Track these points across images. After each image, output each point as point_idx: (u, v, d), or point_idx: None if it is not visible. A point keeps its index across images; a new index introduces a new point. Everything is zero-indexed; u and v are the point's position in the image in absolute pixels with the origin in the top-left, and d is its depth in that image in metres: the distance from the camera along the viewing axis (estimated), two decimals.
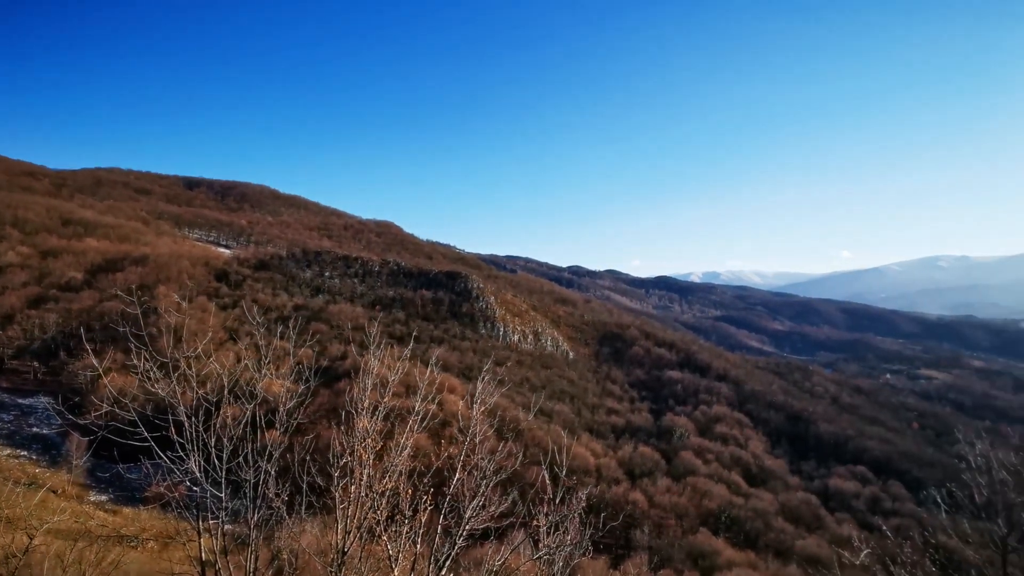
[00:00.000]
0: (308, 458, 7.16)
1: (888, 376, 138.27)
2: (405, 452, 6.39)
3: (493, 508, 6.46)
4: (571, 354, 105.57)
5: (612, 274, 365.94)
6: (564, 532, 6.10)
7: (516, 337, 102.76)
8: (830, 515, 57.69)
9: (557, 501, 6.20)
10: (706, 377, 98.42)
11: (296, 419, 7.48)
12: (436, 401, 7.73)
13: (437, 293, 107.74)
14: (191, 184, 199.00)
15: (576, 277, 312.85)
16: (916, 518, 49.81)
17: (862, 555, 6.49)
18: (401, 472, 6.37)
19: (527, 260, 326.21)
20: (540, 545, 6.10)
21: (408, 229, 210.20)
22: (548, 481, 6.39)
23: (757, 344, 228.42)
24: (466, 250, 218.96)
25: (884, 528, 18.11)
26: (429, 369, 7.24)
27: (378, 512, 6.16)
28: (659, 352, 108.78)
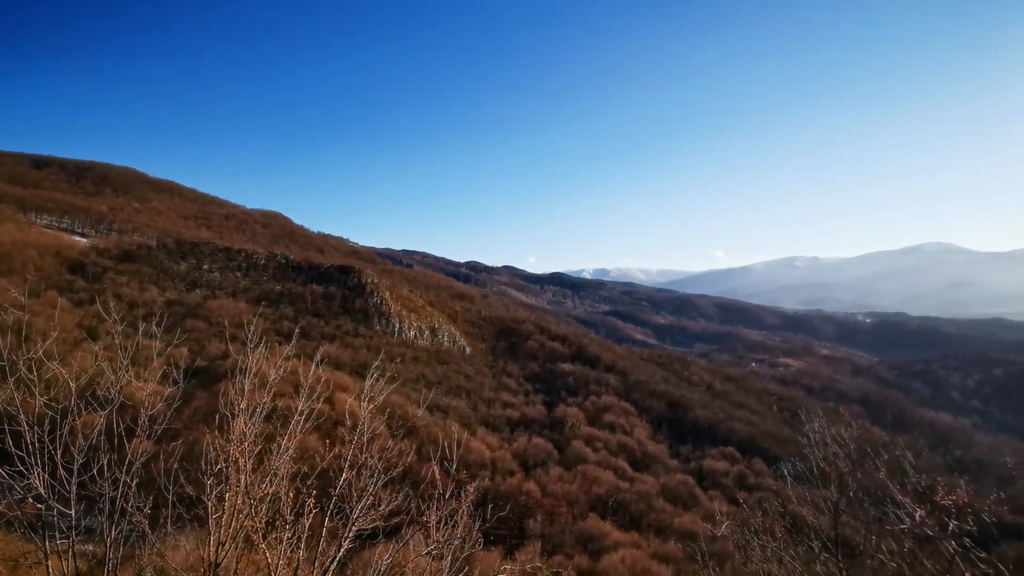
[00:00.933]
0: (177, 466, 6.61)
1: (753, 364, 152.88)
2: (288, 454, 6.08)
3: (383, 507, 6.34)
4: (468, 349, 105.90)
5: (509, 270, 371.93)
6: (454, 526, 6.12)
7: (412, 333, 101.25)
8: (704, 493, 62.71)
9: (447, 496, 6.21)
10: (596, 369, 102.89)
11: (163, 425, 6.87)
12: (325, 400, 7.43)
13: (329, 288, 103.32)
14: (39, 163, 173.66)
15: (474, 273, 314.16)
16: (773, 490, 55.83)
17: (723, 527, 7.17)
18: (284, 475, 6.06)
19: (424, 255, 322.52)
20: (430, 541, 6.08)
21: (298, 220, 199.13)
22: (439, 476, 6.38)
23: (642, 337, 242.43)
24: (360, 243, 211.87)
25: (746, 501, 20.08)
26: (314, 366, 6.93)
27: (257, 519, 5.81)
28: (553, 346, 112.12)
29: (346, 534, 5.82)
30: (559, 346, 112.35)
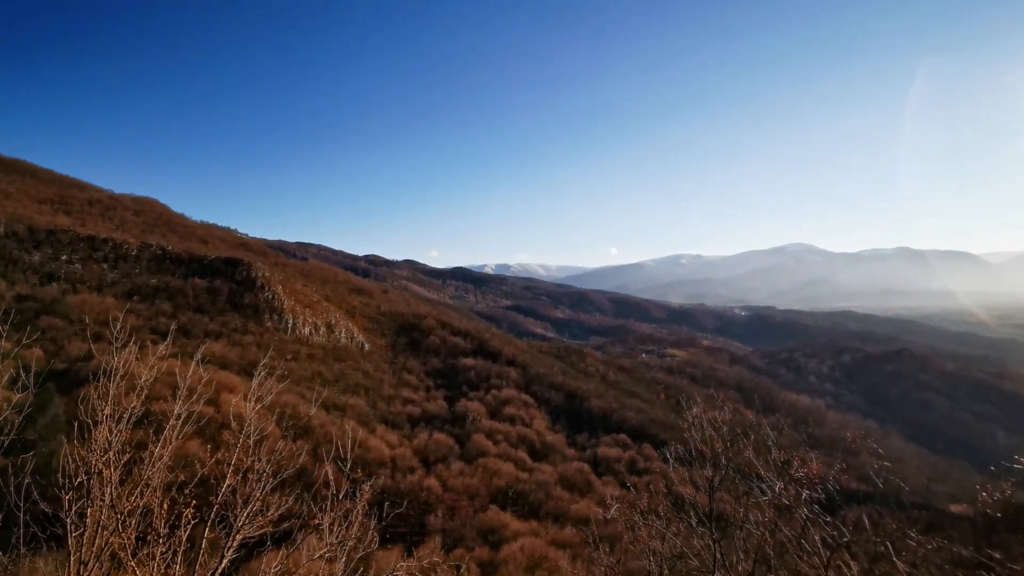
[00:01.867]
0: (30, 481, 5.88)
1: (644, 355, 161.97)
2: (162, 462, 5.60)
3: (272, 512, 6.03)
4: (367, 345, 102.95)
5: (410, 264, 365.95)
6: (348, 527, 5.96)
7: (307, 329, 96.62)
8: (598, 479, 65.60)
9: (342, 496, 6.03)
10: (497, 363, 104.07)
11: (12, 435, 6.08)
12: (209, 402, 6.92)
13: (214, 282, 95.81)
14: None
15: (373, 267, 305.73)
16: (660, 473, 59.79)
17: (612, 510, 7.59)
18: (157, 486, 5.57)
19: (320, 247, 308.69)
20: (323, 543, 5.88)
21: (177, 208, 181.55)
22: (332, 477, 6.17)
23: (541, 331, 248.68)
24: (250, 235, 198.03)
25: (635, 485, 21.30)
26: (193, 366, 6.42)
27: (125, 535, 5.30)
28: (455, 341, 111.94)
29: (230, 544, 5.46)
30: (461, 341, 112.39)
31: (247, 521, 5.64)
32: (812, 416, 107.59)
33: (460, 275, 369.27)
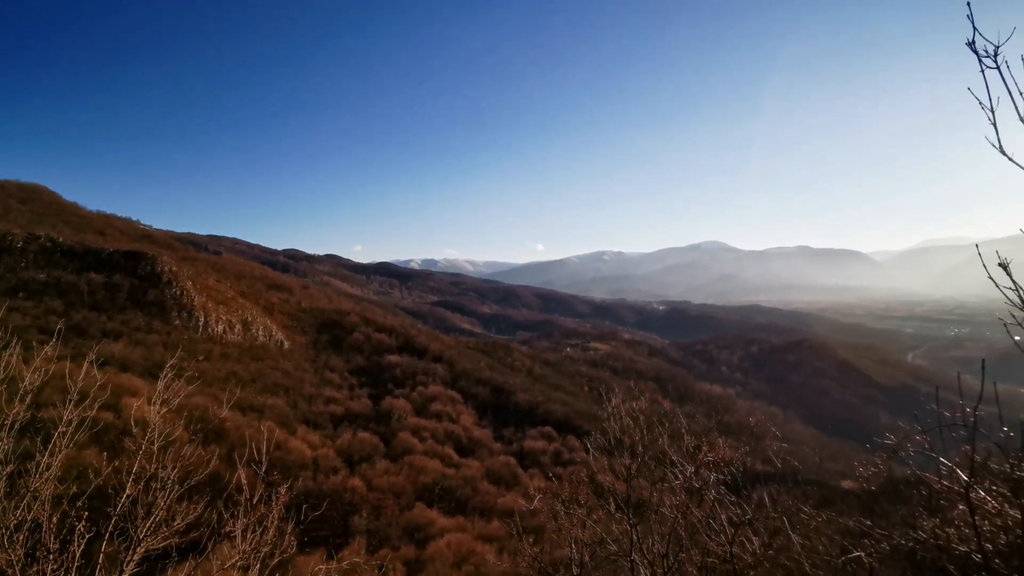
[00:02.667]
0: None
1: (568, 349, 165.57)
2: (50, 472, 5.13)
3: (178, 521, 5.68)
4: (286, 344, 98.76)
5: (332, 259, 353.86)
6: (263, 533, 5.73)
7: (221, 328, 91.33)
8: (525, 472, 66.57)
9: (255, 501, 5.78)
10: (423, 359, 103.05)
11: None
12: (107, 407, 6.40)
13: (113, 277, 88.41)
14: None
15: (293, 261, 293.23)
16: (583, 463, 61.34)
17: (535, 501, 7.77)
18: (46, 498, 5.10)
19: (235, 241, 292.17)
20: (235, 552, 5.61)
21: (69, 197, 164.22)
22: (245, 481, 5.90)
23: (469, 326, 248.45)
24: (154, 226, 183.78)
25: (560, 476, 21.86)
26: (87, 366, 5.93)
27: (12, 552, 4.83)
28: (379, 337, 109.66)
29: (130, 557, 5.10)
30: (386, 338, 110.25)
31: (149, 532, 5.28)
32: (723, 404, 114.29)
33: (385, 270, 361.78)
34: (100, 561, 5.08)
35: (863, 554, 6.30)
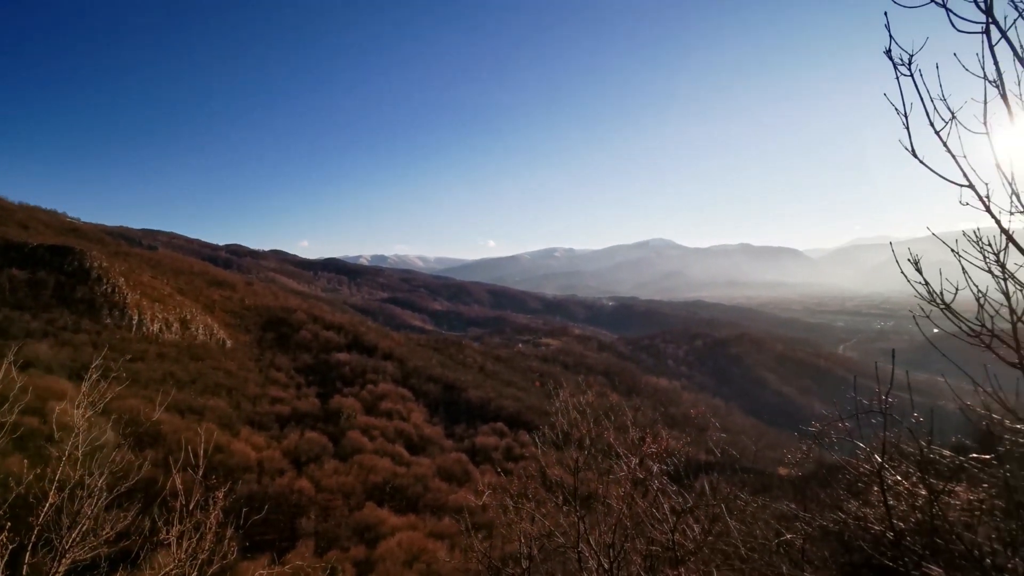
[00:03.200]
0: None
1: (520, 345, 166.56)
2: None
3: (108, 530, 5.40)
4: (229, 342, 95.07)
5: (278, 255, 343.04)
6: (200, 539, 5.51)
7: (157, 326, 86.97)
8: (476, 468, 66.59)
9: (192, 507, 5.56)
10: (373, 357, 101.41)
11: None
12: (30, 412, 5.99)
13: (37, 273, 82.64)
14: None
15: (236, 257, 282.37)
16: (533, 457, 61.90)
17: (484, 496, 7.81)
18: None
19: (172, 235, 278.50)
20: (170, 560, 5.38)
21: None
22: (180, 487, 5.66)
23: (420, 323, 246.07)
24: (82, 219, 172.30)
25: (510, 471, 22.00)
26: (6, 367, 5.54)
27: None
28: (328, 335, 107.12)
29: (56, 569, 4.81)
30: (334, 335, 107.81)
31: (76, 542, 4.99)
32: (669, 397, 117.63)
33: (333, 266, 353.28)
34: (25, 573, 4.77)
35: (795, 536, 6.67)
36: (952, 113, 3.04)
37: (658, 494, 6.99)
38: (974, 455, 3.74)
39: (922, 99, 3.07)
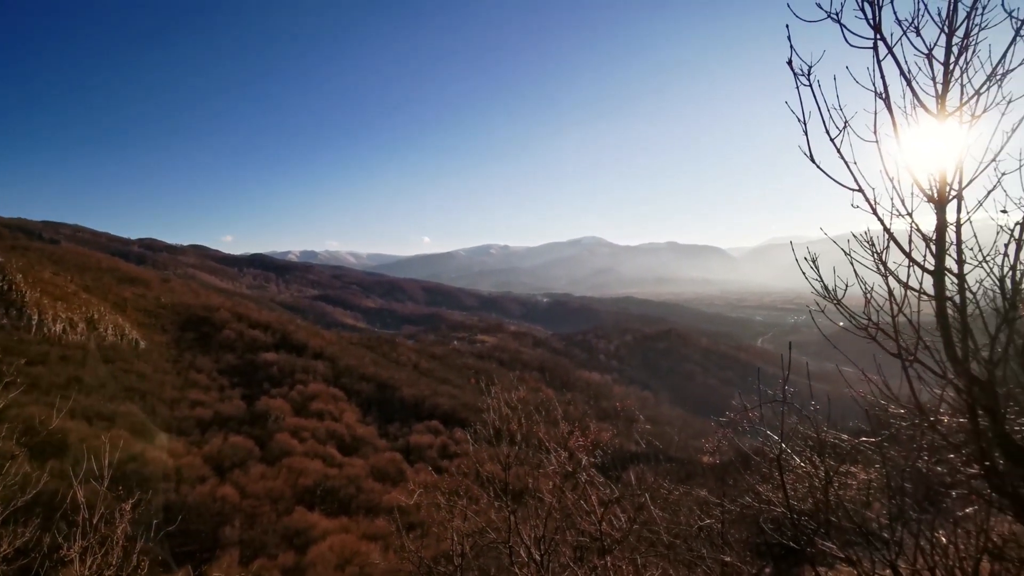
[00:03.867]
0: None
1: (455, 342, 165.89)
2: None
3: (5, 546, 4.95)
4: (142, 343, 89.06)
5: (199, 250, 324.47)
6: (106, 554, 5.15)
7: (60, 327, 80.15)
8: (411, 467, 65.78)
9: (95, 520, 5.18)
10: (303, 356, 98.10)
11: None
12: None
13: None
14: None
15: (150, 252, 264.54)
16: (466, 454, 61.89)
17: (416, 495, 7.76)
18: None
19: (77, 228, 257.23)
20: None
21: None
22: (82, 500, 5.26)
23: (352, 321, 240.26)
24: None
25: (445, 469, 21.83)
26: None
27: None
28: (253, 334, 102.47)
29: None
30: (261, 334, 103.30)
31: None
32: (601, 390, 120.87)
33: (260, 262, 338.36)
34: None
35: (714, 521, 7.04)
36: (846, 121, 3.30)
37: (586, 486, 7.17)
38: (864, 438, 4.08)
39: (819, 108, 3.31)
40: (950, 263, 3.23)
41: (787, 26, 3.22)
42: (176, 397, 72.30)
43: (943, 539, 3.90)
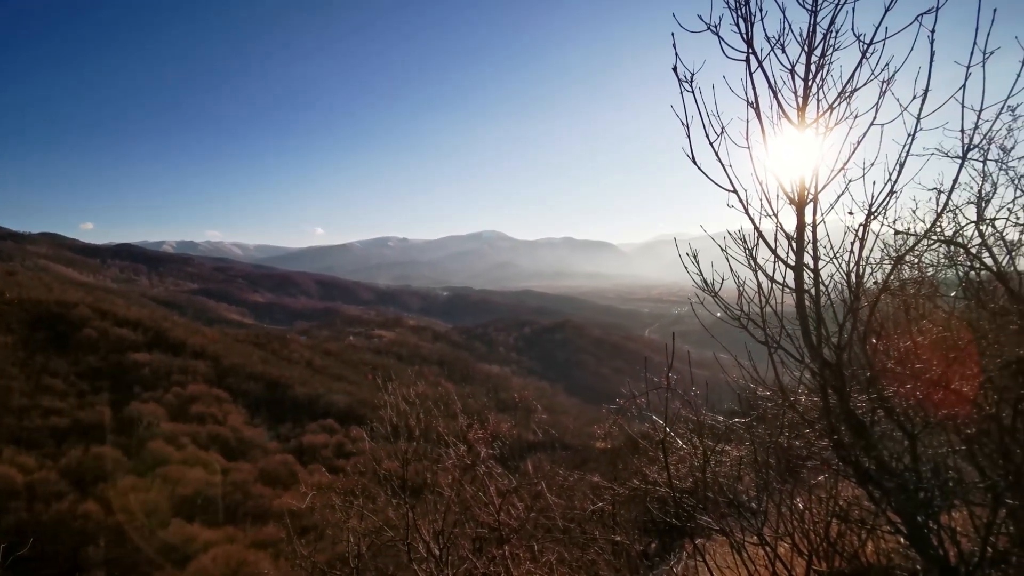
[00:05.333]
0: None
1: (352, 338, 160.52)
2: None
3: None
4: None
5: (52, 238, 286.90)
6: None
7: None
8: (304, 469, 62.97)
9: None
10: (181, 356, 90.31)
11: None
12: None
13: None
14: None
15: None
16: (363, 453, 60.44)
17: (308, 498, 7.46)
18: None
19: None
20: None
21: None
22: None
23: (238, 317, 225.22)
24: None
25: (341, 468, 21.12)
26: None
27: None
28: (120, 333, 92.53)
29: None
30: (130, 333, 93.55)
31: None
32: (500, 383, 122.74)
33: (128, 253, 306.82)
34: None
35: (605, 503, 7.39)
36: (723, 127, 3.58)
37: (485, 478, 7.23)
38: (736, 419, 4.49)
39: (700, 113, 3.56)
40: (808, 259, 3.62)
41: (672, 34, 3.43)
42: (25, 405, 63.82)
43: (800, 505, 4.40)
